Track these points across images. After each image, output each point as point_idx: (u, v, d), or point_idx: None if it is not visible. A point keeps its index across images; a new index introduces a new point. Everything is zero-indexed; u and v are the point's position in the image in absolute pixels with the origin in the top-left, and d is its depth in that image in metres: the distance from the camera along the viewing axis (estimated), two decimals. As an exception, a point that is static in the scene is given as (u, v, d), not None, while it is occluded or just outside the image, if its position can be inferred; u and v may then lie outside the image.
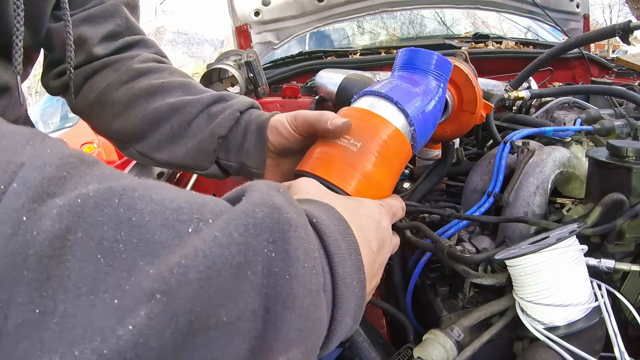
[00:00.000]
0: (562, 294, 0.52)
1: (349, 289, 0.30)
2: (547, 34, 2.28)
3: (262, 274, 0.23)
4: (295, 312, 0.24)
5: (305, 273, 0.25)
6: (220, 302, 0.21)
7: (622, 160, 0.59)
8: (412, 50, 0.55)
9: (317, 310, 0.26)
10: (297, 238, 0.25)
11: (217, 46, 18.40)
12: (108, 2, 0.68)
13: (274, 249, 0.24)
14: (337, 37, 2.46)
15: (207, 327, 0.21)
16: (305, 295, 0.24)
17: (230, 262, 0.22)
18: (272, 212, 0.25)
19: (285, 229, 0.25)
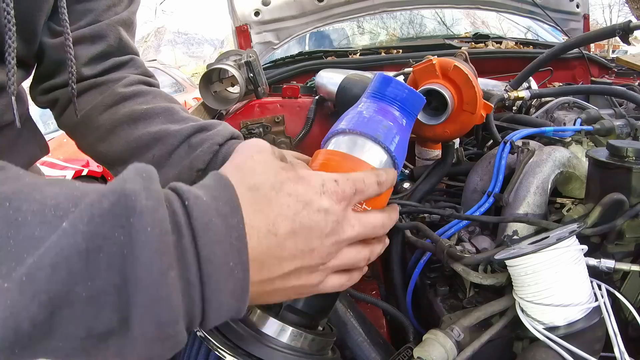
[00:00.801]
0: (562, 294, 0.52)
1: (219, 269, 0.32)
2: (547, 34, 2.28)
3: (116, 255, 0.27)
4: (141, 291, 0.28)
5: (146, 254, 0.28)
6: (75, 281, 0.26)
7: (622, 160, 0.59)
8: (386, 78, 0.52)
9: (161, 289, 0.28)
10: (141, 223, 0.28)
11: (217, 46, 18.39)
12: (103, 21, 0.67)
13: (122, 232, 0.28)
14: (337, 37, 2.47)
15: (70, 300, 0.26)
16: (146, 276, 0.28)
17: (77, 249, 0.26)
18: (119, 200, 0.28)
19: (129, 215, 0.28)
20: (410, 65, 1.20)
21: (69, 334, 0.27)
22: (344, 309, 0.68)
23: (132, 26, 0.74)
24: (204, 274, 0.31)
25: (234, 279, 0.33)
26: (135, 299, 0.28)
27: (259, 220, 0.36)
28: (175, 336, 0.30)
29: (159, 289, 0.28)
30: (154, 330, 0.29)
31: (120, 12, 0.70)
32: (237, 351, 0.43)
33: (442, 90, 0.74)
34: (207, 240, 0.31)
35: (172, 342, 0.30)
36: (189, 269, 0.30)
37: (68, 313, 0.27)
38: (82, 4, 0.66)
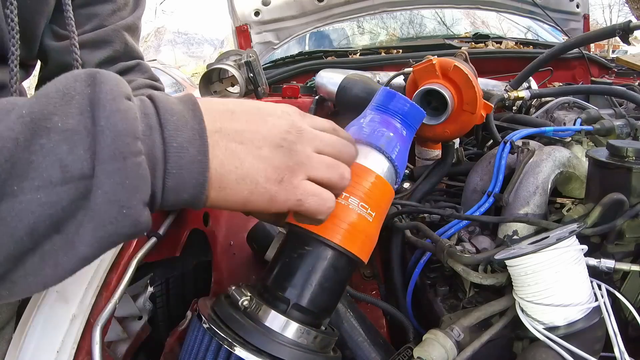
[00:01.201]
0: (562, 294, 0.52)
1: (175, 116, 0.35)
2: (547, 34, 2.28)
3: (86, 104, 0.32)
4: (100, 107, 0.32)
5: (107, 87, 0.33)
6: (52, 110, 0.30)
7: (622, 160, 0.59)
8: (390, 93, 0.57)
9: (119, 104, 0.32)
10: (102, 75, 0.33)
11: (217, 46, 18.39)
12: (109, 26, 0.67)
13: (92, 90, 0.32)
14: (337, 37, 2.46)
15: (47, 128, 0.30)
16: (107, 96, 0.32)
17: (55, 88, 0.32)
18: (88, 71, 0.34)
19: (96, 76, 0.33)
20: (410, 65, 1.20)
21: (45, 170, 0.29)
22: (344, 309, 0.68)
23: (137, 31, 0.74)
24: (162, 118, 0.35)
25: (190, 127, 0.36)
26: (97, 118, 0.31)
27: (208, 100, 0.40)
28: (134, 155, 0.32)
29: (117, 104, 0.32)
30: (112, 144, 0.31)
31: (126, 17, 0.70)
32: (246, 345, 0.45)
33: (442, 90, 0.74)
34: (163, 100, 0.36)
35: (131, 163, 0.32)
36: (148, 116, 0.35)
37: (46, 142, 0.29)
38: (87, 9, 0.66)
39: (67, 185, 0.30)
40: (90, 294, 0.50)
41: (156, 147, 0.34)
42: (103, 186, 0.31)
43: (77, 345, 0.49)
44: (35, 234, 0.29)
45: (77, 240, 0.31)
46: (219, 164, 0.37)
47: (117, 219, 0.31)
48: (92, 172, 0.31)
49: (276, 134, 0.41)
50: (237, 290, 0.49)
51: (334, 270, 0.50)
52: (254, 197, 0.40)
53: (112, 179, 0.31)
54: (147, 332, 0.67)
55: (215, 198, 0.38)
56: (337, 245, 0.49)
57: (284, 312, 0.48)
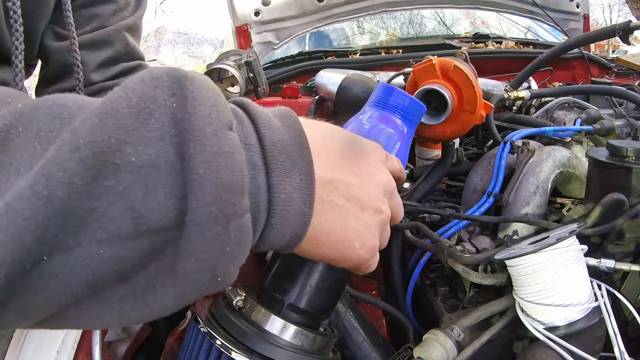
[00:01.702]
0: (562, 294, 0.52)
1: (283, 153, 0.29)
2: (547, 34, 2.28)
3: (169, 124, 0.24)
4: (197, 144, 0.24)
5: (204, 109, 0.25)
6: (122, 137, 0.22)
7: (622, 160, 0.59)
8: (388, 88, 0.55)
9: (222, 143, 0.25)
10: (194, 84, 0.25)
11: (217, 46, 18.37)
12: (110, 27, 0.67)
13: (175, 100, 0.24)
14: (337, 37, 2.46)
15: (115, 164, 0.22)
16: (204, 127, 0.24)
17: (127, 102, 0.23)
18: (169, 71, 0.25)
19: (182, 81, 0.25)
20: (410, 65, 1.20)
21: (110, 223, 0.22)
22: (344, 309, 0.68)
23: (139, 31, 0.74)
24: (268, 156, 0.28)
25: (299, 169, 0.29)
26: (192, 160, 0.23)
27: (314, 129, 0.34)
28: (241, 218, 0.25)
29: (220, 142, 0.24)
30: (213, 201, 0.24)
31: (127, 17, 0.70)
32: (240, 347, 0.44)
33: (442, 90, 0.74)
34: (267, 125, 0.29)
35: (235, 227, 0.25)
36: (251, 149, 0.27)
37: (113, 184, 0.22)
38: (88, 9, 0.66)
39: (140, 240, 0.23)
40: (90, 294, 0.50)
41: (261, 197, 0.27)
42: (197, 253, 0.24)
43: (77, 345, 0.49)
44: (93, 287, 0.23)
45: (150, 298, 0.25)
46: (324, 221, 0.32)
47: (208, 287, 0.26)
48: (175, 223, 0.24)
49: (377, 195, 0.36)
50: (232, 291, 0.48)
51: (331, 271, 0.49)
52: (345, 258, 0.36)
53: (209, 245, 0.24)
54: (147, 332, 0.67)
55: (306, 250, 0.34)
56: None
57: (280, 313, 0.47)
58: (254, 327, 0.46)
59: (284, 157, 0.29)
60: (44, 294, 0.22)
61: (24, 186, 0.20)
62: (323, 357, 0.49)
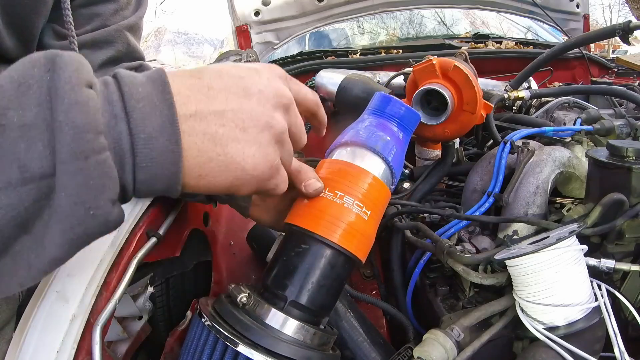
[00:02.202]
0: (562, 294, 0.52)
1: (142, 101, 0.32)
2: (547, 34, 2.28)
3: (45, 94, 0.29)
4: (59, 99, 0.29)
5: (66, 74, 0.30)
6: (7, 105, 0.28)
7: (622, 160, 0.59)
8: (385, 97, 0.58)
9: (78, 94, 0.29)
10: (63, 58, 0.30)
11: (217, 46, 18.36)
12: (111, 26, 0.67)
13: (50, 76, 0.29)
14: (337, 37, 2.46)
15: (2, 125, 0.27)
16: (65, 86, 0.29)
17: (10, 79, 0.29)
18: (46, 54, 0.30)
19: (55, 59, 0.30)
20: (410, 65, 1.20)
21: (3, 172, 0.27)
22: (344, 309, 0.68)
23: (139, 30, 0.74)
24: (127, 105, 0.32)
25: (160, 114, 0.33)
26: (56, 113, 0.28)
27: (182, 73, 0.36)
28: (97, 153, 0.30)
29: (76, 95, 0.29)
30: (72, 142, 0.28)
31: (128, 17, 0.70)
32: (244, 341, 0.45)
33: (442, 90, 0.74)
34: (128, 81, 0.33)
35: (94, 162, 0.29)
36: (112, 103, 0.32)
37: (2, 141, 0.27)
38: (89, 8, 0.65)
39: (28, 186, 0.28)
40: (90, 293, 0.50)
41: (123, 140, 0.31)
42: (66, 188, 0.29)
43: (77, 345, 0.49)
44: (2, 235, 0.28)
45: (46, 241, 0.29)
46: (197, 152, 0.35)
47: (85, 221, 0.30)
48: (54, 170, 0.28)
49: (263, 112, 0.37)
50: (236, 288, 0.50)
51: (331, 268, 0.50)
52: (239, 183, 0.38)
53: (74, 180, 0.29)
54: (147, 332, 0.67)
55: (195, 186, 0.36)
56: (334, 244, 0.49)
57: (282, 309, 0.49)
58: (258, 322, 0.47)
59: (142, 104, 0.32)
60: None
61: None
62: (323, 352, 0.51)
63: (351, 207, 0.50)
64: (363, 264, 0.55)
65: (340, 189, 0.51)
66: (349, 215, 0.50)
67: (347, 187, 0.51)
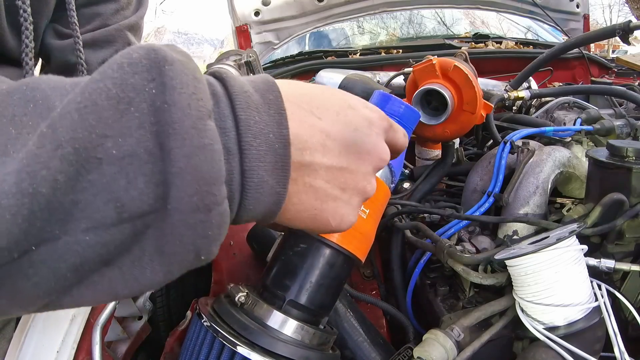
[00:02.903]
0: (562, 294, 0.52)
1: (259, 137, 0.28)
2: (547, 34, 2.27)
3: (148, 112, 0.24)
4: (177, 137, 0.24)
5: (183, 98, 0.24)
6: (103, 131, 0.23)
7: (622, 160, 0.59)
8: (385, 96, 0.58)
9: (202, 135, 0.25)
10: (174, 70, 0.25)
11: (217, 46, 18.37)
12: (112, 25, 0.67)
13: (154, 86, 0.24)
14: (337, 37, 2.46)
15: (97, 158, 0.22)
16: (183, 119, 0.24)
17: (106, 94, 0.23)
18: (148, 53, 0.25)
19: (161, 65, 0.25)
20: (410, 65, 1.20)
21: (95, 213, 0.23)
22: (344, 309, 0.68)
23: (140, 30, 0.74)
24: (242, 141, 0.27)
25: (275, 152, 0.29)
26: (173, 154, 0.24)
27: (300, 103, 0.32)
28: (219, 205, 0.26)
29: (200, 135, 0.24)
30: (194, 193, 0.24)
31: (129, 16, 0.70)
32: (242, 340, 0.45)
33: (442, 90, 0.74)
34: (244, 106, 0.28)
35: (216, 214, 0.26)
36: (227, 133, 0.27)
37: (96, 178, 0.22)
38: (90, 8, 0.66)
39: (123, 225, 0.24)
40: (90, 294, 0.50)
41: (234, 180, 0.28)
42: (182, 237, 0.25)
43: (77, 345, 0.49)
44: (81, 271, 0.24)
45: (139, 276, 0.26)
46: (297, 200, 0.32)
47: (192, 262, 0.27)
48: (154, 207, 0.24)
49: (364, 176, 0.35)
50: (234, 288, 0.50)
51: (330, 268, 0.50)
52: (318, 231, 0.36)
53: (192, 230, 0.25)
54: (147, 332, 0.67)
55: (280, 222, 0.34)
56: (333, 243, 0.49)
57: (281, 309, 0.49)
58: (256, 322, 0.47)
59: (259, 141, 0.28)
60: (33, 279, 0.23)
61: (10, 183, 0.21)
62: (323, 352, 0.51)
63: None
64: (363, 264, 0.55)
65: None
66: None
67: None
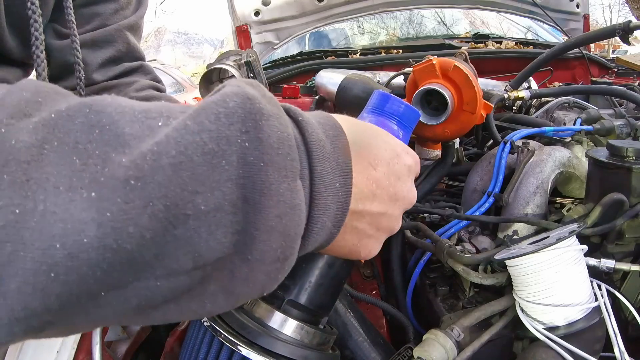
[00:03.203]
0: (562, 294, 0.52)
1: (328, 188, 0.30)
2: (547, 34, 2.27)
3: (237, 164, 0.23)
4: (272, 198, 0.24)
5: (280, 159, 0.25)
6: (195, 188, 0.22)
7: (622, 160, 0.59)
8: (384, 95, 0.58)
9: (294, 196, 0.26)
10: (270, 126, 0.25)
11: (217, 46, 18.38)
12: (111, 26, 0.67)
13: (247, 138, 0.24)
14: (337, 37, 2.46)
15: (185, 215, 0.22)
16: (280, 181, 0.25)
17: (202, 149, 0.22)
18: (244, 102, 0.24)
19: (257, 118, 0.24)
20: (410, 65, 1.20)
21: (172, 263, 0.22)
22: (344, 309, 0.68)
23: (139, 30, 0.74)
24: (314, 191, 0.29)
25: (338, 200, 0.31)
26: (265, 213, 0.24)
27: (361, 152, 0.34)
28: (293, 255, 0.27)
29: (293, 196, 0.25)
30: (278, 248, 0.25)
31: (128, 16, 0.69)
32: (241, 340, 0.45)
33: (442, 90, 0.74)
34: (319, 156, 0.29)
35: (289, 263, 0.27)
36: (303, 183, 0.28)
37: (181, 232, 0.22)
38: (89, 8, 0.65)
39: (195, 272, 0.23)
40: (90, 294, 0.50)
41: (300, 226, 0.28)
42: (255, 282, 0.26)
43: (77, 345, 0.49)
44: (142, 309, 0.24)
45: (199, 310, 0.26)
46: (341, 238, 0.35)
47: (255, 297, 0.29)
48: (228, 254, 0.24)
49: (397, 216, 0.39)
50: None
51: (329, 268, 0.50)
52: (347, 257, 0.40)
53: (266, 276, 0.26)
54: (147, 332, 0.67)
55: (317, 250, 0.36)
56: None
57: (280, 308, 0.49)
58: (256, 321, 0.47)
59: (328, 191, 0.30)
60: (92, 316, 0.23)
61: (91, 236, 0.20)
62: (322, 352, 0.51)
63: None
64: (363, 264, 0.55)
65: None
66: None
67: None
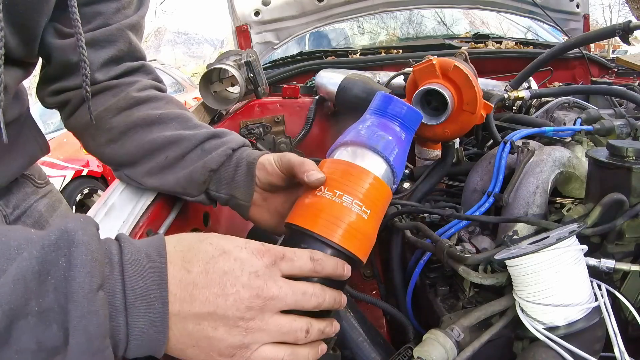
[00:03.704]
0: (562, 294, 0.52)
1: (140, 299, 0.38)
2: (547, 34, 2.27)
3: (60, 279, 0.34)
4: (77, 305, 0.34)
5: (80, 275, 0.34)
6: (29, 296, 0.33)
7: (622, 160, 0.59)
8: (387, 97, 0.58)
9: (91, 304, 0.34)
10: (77, 251, 0.35)
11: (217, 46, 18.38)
12: (113, 25, 0.67)
13: (65, 260, 0.35)
14: (337, 37, 2.46)
15: (25, 313, 0.33)
16: (79, 291, 0.34)
17: (32, 269, 0.34)
18: (62, 235, 0.36)
19: (70, 246, 0.35)
20: (410, 65, 1.20)
21: (23, 345, 0.33)
22: (344, 309, 0.68)
23: (141, 30, 0.74)
24: (128, 301, 0.37)
25: (154, 310, 0.38)
26: (71, 314, 0.34)
27: (177, 259, 0.41)
28: (104, 352, 0.35)
29: (90, 304, 0.34)
30: (85, 342, 0.34)
31: (130, 16, 0.69)
32: None
33: (442, 90, 0.74)
34: (132, 273, 0.38)
35: (102, 356, 0.35)
36: (115, 295, 0.37)
37: (23, 324, 0.33)
38: (91, 7, 0.65)
39: (42, 353, 0.34)
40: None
41: (120, 332, 0.37)
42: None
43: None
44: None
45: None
46: (176, 341, 0.40)
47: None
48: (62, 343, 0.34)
49: (235, 313, 0.40)
50: None
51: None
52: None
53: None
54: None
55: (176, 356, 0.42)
56: (334, 243, 0.49)
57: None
58: None
59: (140, 301, 0.38)
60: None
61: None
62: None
63: (350, 206, 0.50)
64: (364, 264, 0.54)
65: (339, 189, 0.51)
66: (349, 214, 0.50)
67: (346, 187, 0.51)
